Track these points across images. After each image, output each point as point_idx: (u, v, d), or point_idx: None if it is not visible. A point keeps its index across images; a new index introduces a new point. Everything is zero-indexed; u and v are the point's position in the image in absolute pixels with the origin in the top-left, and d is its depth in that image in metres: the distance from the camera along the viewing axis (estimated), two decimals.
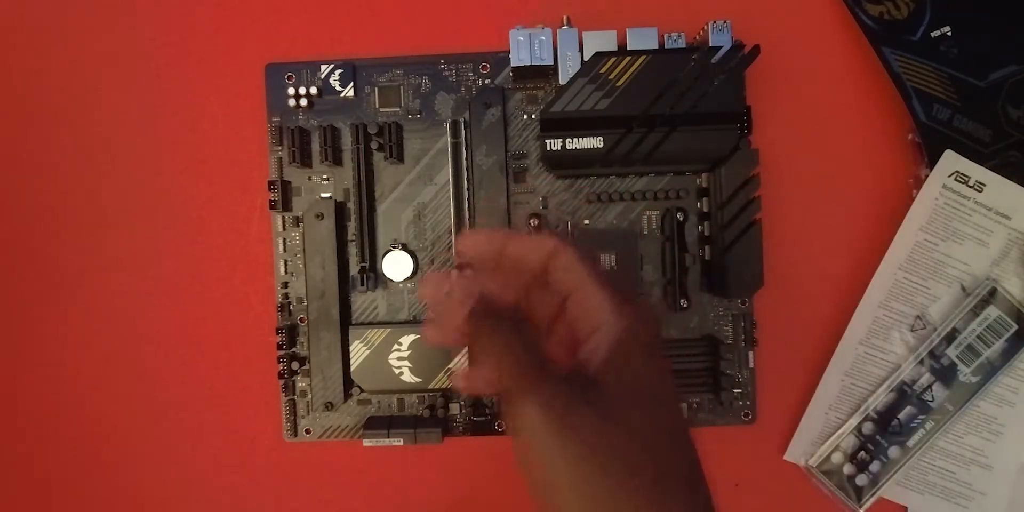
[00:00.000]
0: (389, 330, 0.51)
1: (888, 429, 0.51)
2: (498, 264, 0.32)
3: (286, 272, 0.52)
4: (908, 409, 0.50)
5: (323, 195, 0.52)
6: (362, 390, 0.52)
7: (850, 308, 0.51)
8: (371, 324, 0.51)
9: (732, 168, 0.48)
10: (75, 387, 0.54)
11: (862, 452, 0.51)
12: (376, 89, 0.52)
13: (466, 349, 0.35)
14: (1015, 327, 0.50)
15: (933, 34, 0.50)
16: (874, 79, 0.52)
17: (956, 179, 0.50)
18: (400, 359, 0.51)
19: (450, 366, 0.50)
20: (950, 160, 0.50)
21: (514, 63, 0.49)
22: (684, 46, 0.49)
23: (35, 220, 0.54)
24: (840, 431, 0.51)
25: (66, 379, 0.54)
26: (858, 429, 0.51)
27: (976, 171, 0.50)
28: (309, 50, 0.53)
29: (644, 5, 0.52)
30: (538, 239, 0.31)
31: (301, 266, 0.52)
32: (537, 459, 0.28)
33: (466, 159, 0.51)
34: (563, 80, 0.49)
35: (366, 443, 0.50)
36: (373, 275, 0.52)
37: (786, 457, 0.52)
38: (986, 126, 0.50)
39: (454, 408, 0.52)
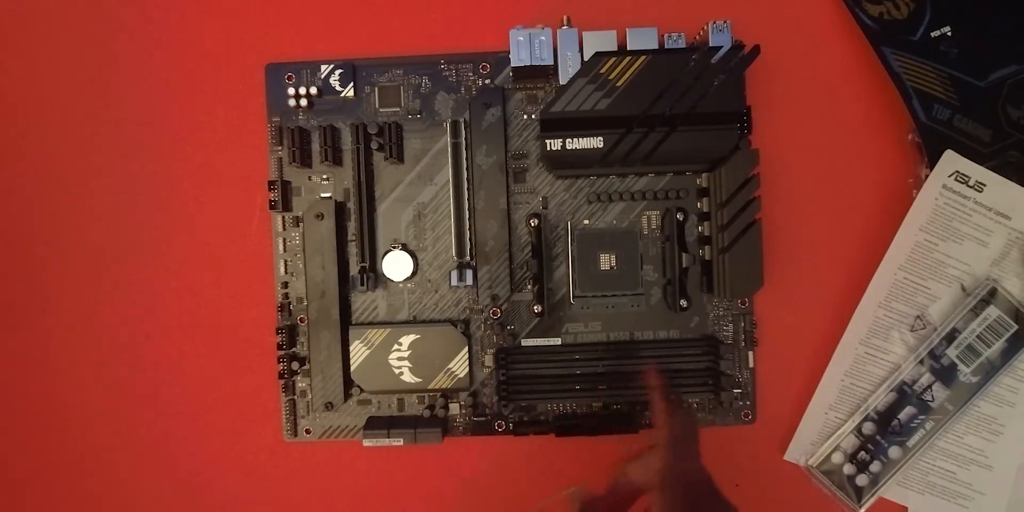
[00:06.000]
0: (389, 330, 0.51)
1: (888, 429, 0.51)
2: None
3: (286, 272, 0.52)
4: (908, 409, 0.50)
5: (323, 195, 0.52)
6: (362, 390, 0.52)
7: (850, 308, 0.51)
8: (371, 324, 0.51)
9: (732, 168, 0.48)
10: (75, 387, 0.54)
11: (862, 452, 0.51)
12: (376, 89, 0.52)
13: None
14: (1015, 327, 0.50)
15: (933, 34, 0.50)
16: (874, 79, 0.52)
17: (956, 179, 0.50)
18: (400, 359, 0.51)
19: (450, 366, 0.50)
20: (950, 160, 0.50)
21: (514, 63, 0.49)
22: (684, 46, 0.49)
23: (35, 220, 0.54)
24: (840, 431, 0.51)
25: (66, 379, 0.54)
26: (858, 429, 0.51)
27: (976, 171, 0.50)
28: (309, 50, 0.53)
29: (644, 5, 0.52)
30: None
31: (301, 266, 0.52)
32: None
33: (466, 159, 0.51)
34: (563, 80, 0.49)
35: (366, 443, 0.50)
36: (373, 275, 0.52)
37: (786, 457, 0.52)
38: (986, 126, 0.50)
39: (454, 408, 0.52)
